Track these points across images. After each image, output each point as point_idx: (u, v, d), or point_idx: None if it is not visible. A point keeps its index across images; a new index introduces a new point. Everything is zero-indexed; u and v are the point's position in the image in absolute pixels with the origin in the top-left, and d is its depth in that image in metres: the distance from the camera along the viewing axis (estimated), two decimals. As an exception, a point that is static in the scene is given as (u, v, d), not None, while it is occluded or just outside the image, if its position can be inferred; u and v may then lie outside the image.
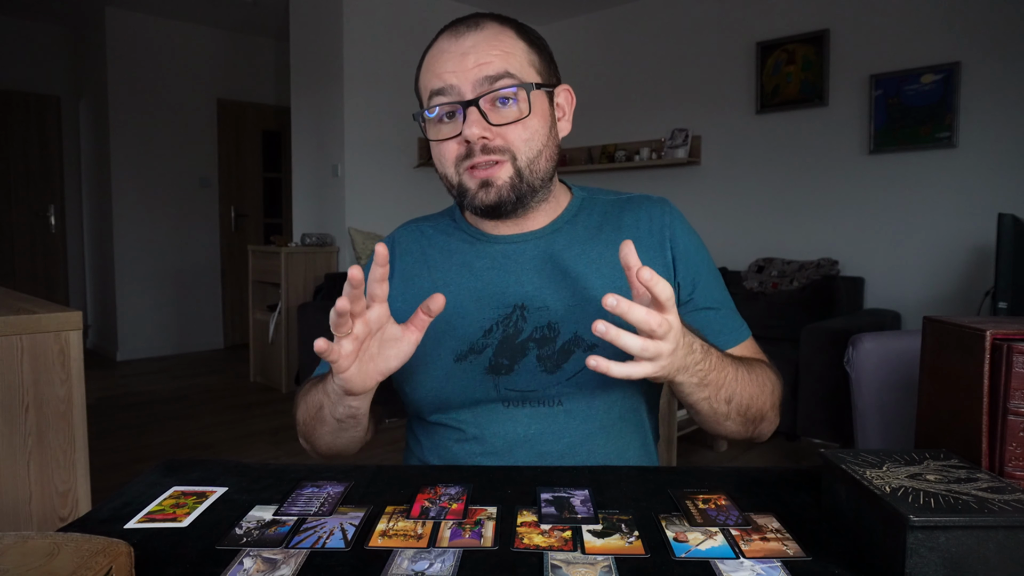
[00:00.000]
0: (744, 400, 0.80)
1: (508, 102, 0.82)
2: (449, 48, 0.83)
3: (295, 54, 4.61)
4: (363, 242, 4.21)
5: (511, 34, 0.84)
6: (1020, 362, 0.62)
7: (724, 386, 0.77)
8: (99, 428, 3.39)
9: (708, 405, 0.77)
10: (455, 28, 0.84)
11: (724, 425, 0.82)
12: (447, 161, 0.85)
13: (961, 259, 3.38)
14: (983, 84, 3.28)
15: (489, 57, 0.81)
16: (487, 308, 0.87)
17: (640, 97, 4.62)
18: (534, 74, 0.85)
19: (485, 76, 0.81)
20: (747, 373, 0.80)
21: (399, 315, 0.91)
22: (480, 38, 0.82)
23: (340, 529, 0.62)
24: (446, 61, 0.82)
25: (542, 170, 0.86)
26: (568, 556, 0.56)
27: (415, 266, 0.94)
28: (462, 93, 0.81)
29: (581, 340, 0.84)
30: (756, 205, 4.11)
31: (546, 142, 0.85)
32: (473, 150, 0.82)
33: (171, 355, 5.40)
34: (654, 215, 0.92)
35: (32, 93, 5.29)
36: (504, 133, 0.82)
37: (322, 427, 0.86)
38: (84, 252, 5.66)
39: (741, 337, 0.91)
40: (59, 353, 1.35)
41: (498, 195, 0.83)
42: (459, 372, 0.86)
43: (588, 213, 0.93)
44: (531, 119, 0.83)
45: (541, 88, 0.85)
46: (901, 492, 0.55)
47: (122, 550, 0.51)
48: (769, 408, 0.85)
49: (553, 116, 0.88)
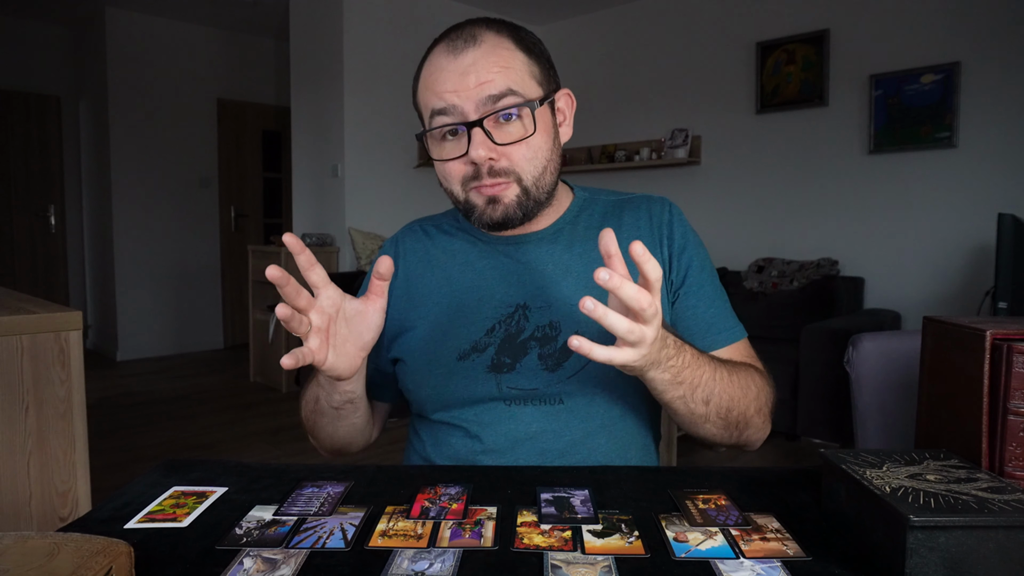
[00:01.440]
0: (724, 402, 0.78)
1: (512, 117, 0.82)
2: (448, 66, 0.82)
3: (295, 54, 4.61)
4: (363, 242, 4.21)
5: (509, 45, 0.83)
6: (1020, 362, 0.62)
7: (700, 385, 0.75)
8: (99, 428, 3.39)
9: (684, 405, 0.76)
10: (451, 42, 0.83)
11: (704, 428, 0.80)
12: (453, 180, 0.85)
13: (961, 259, 3.38)
14: (983, 84, 3.28)
15: (490, 75, 0.80)
16: (489, 307, 0.88)
17: (640, 97, 4.62)
18: (535, 86, 0.84)
19: (488, 96, 0.80)
20: (728, 374, 0.79)
21: (404, 316, 0.92)
22: (479, 54, 0.81)
23: (340, 529, 0.62)
24: (446, 80, 0.81)
25: (548, 184, 0.86)
26: (568, 556, 0.56)
27: (418, 265, 0.95)
28: (465, 113, 0.81)
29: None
30: (756, 205, 4.11)
31: (550, 156, 0.85)
32: (480, 172, 0.82)
33: (171, 355, 5.40)
34: (654, 213, 0.92)
35: (32, 93, 5.29)
36: (509, 153, 0.82)
37: (322, 419, 0.88)
38: (84, 252, 5.66)
39: (734, 337, 0.90)
40: (59, 353, 1.35)
41: (505, 212, 0.84)
42: (461, 370, 0.86)
43: (590, 213, 0.94)
44: (535, 137, 0.82)
45: (544, 102, 0.84)
46: (901, 492, 0.55)
47: (122, 550, 0.51)
48: (754, 413, 0.82)
49: (555, 125, 0.88)
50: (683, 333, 0.88)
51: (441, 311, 0.90)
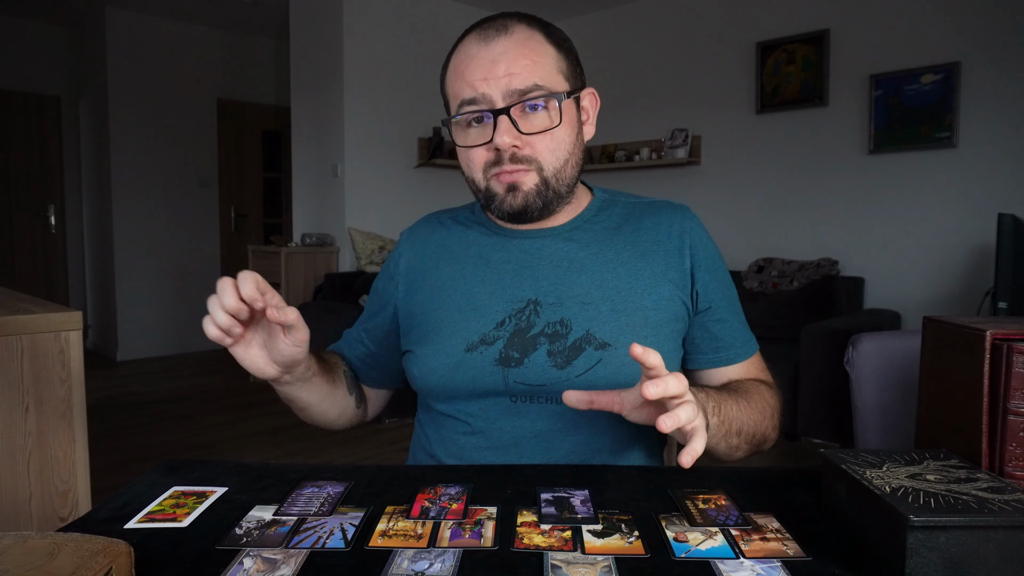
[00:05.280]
0: (750, 428, 0.82)
1: (538, 108, 0.82)
2: (478, 54, 0.82)
3: (295, 54, 4.61)
4: (363, 242, 4.21)
5: (540, 38, 0.84)
6: (1020, 362, 0.62)
7: (733, 419, 0.79)
8: (99, 428, 3.39)
9: (726, 443, 0.80)
10: (483, 31, 0.84)
11: (735, 454, 0.84)
12: (475, 166, 0.86)
13: (961, 259, 3.38)
14: (983, 84, 3.28)
15: (518, 67, 0.81)
16: (501, 301, 0.88)
17: (640, 97, 4.62)
18: (562, 81, 0.85)
19: (515, 89, 0.81)
20: (747, 403, 0.83)
21: (419, 304, 0.92)
22: (510, 44, 0.82)
23: (340, 529, 0.62)
24: (476, 68, 0.82)
25: (568, 177, 0.87)
26: (568, 556, 0.56)
27: (433, 257, 0.95)
28: (493, 101, 0.82)
29: (592, 338, 0.84)
30: (756, 205, 4.11)
31: (572, 150, 0.86)
32: (502, 158, 0.83)
33: (171, 355, 5.40)
34: (674, 221, 0.92)
35: (32, 93, 5.29)
36: (532, 143, 0.83)
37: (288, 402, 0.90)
38: (84, 252, 5.66)
39: (750, 352, 0.94)
40: (59, 353, 1.35)
41: (524, 200, 0.85)
42: (469, 361, 0.86)
43: (608, 214, 0.94)
44: (559, 129, 0.83)
45: (570, 96, 0.85)
46: (901, 492, 0.55)
47: (122, 550, 0.51)
48: (771, 430, 0.88)
49: (579, 121, 0.89)
50: (702, 347, 0.92)
51: (453, 302, 0.90)
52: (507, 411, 0.86)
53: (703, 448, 0.65)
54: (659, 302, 0.87)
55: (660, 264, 0.89)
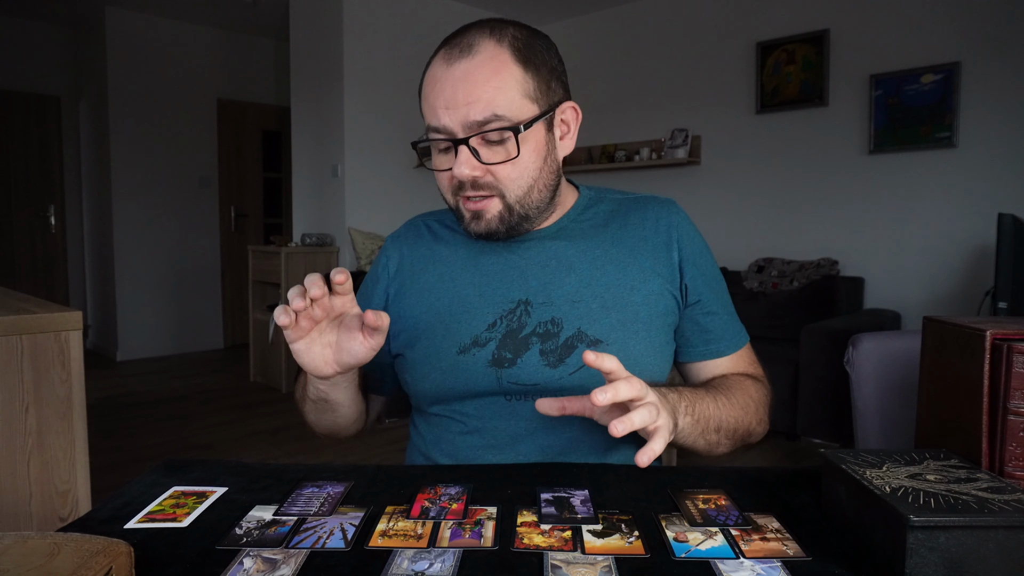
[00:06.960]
0: (730, 425, 0.83)
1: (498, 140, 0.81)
2: (442, 76, 0.80)
3: (295, 54, 4.61)
4: (363, 242, 4.21)
5: (506, 58, 0.80)
6: (1020, 362, 0.62)
7: (711, 417, 0.80)
8: (99, 428, 3.39)
9: (704, 440, 0.81)
10: (448, 51, 0.81)
11: (717, 450, 0.86)
12: (444, 189, 0.87)
13: (961, 259, 3.38)
14: (983, 84, 3.28)
15: (477, 94, 0.78)
16: (491, 303, 0.88)
17: (640, 97, 4.62)
18: (528, 104, 0.81)
19: (473, 120, 0.79)
20: (727, 399, 0.84)
21: (408, 307, 0.92)
22: (471, 67, 0.79)
23: (340, 529, 0.62)
24: (439, 94, 0.80)
25: (536, 200, 0.86)
26: (568, 556, 0.56)
27: (421, 261, 0.95)
28: (453, 132, 0.81)
29: (584, 335, 0.85)
30: (756, 205, 4.11)
31: (538, 175, 0.84)
32: (464, 185, 0.83)
33: (171, 355, 5.40)
34: (661, 216, 0.92)
35: (32, 93, 5.29)
36: (494, 171, 0.82)
37: (305, 404, 0.90)
38: (84, 252, 5.66)
39: (740, 343, 0.94)
40: (59, 353, 1.35)
41: (487, 226, 0.85)
42: (462, 364, 0.86)
43: (595, 211, 0.94)
44: (520, 159, 0.82)
45: (541, 118, 0.83)
46: (901, 492, 0.55)
47: (122, 550, 0.51)
48: (756, 424, 0.88)
49: (550, 141, 0.86)
50: (692, 340, 0.92)
51: (443, 306, 0.90)
52: (502, 410, 0.86)
53: (662, 448, 0.66)
54: (649, 297, 0.87)
55: (648, 259, 0.89)
